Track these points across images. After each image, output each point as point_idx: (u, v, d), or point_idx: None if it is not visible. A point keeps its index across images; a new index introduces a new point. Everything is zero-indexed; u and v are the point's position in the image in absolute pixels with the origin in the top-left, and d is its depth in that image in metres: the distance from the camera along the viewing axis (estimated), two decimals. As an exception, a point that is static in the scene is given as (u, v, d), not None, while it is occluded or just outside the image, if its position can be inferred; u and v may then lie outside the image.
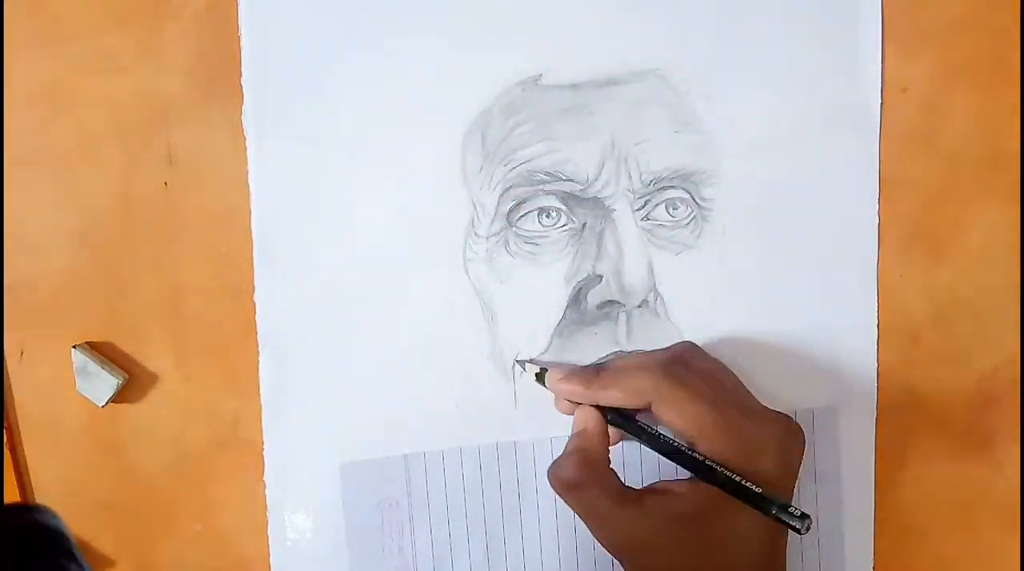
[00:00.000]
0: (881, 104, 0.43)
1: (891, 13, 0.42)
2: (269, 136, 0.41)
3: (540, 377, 0.42)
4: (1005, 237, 0.44)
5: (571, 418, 0.41)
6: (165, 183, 0.41)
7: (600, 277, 0.42)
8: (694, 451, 0.37)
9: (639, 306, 0.43)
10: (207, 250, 0.41)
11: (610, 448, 0.39)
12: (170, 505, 0.43)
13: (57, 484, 0.42)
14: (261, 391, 0.42)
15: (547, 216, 0.42)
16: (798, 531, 0.35)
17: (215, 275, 0.41)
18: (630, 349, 0.43)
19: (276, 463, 0.42)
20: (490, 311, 0.42)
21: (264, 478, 0.42)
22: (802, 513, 0.35)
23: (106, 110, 0.40)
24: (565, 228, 0.42)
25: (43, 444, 0.42)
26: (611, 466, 0.39)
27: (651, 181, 0.42)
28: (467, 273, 0.42)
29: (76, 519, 0.42)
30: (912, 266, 0.44)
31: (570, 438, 0.39)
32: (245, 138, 0.41)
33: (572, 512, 0.40)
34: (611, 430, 0.40)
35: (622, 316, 0.43)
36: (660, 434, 0.38)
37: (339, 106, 0.41)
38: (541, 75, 0.41)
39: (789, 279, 0.44)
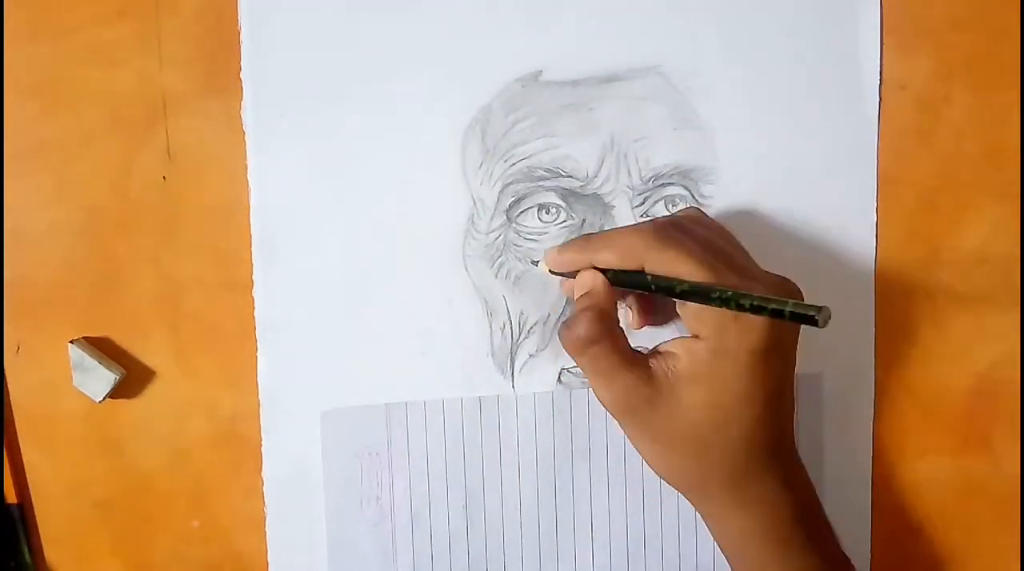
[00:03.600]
0: (879, 102, 0.43)
1: (890, 11, 0.42)
2: (268, 130, 0.40)
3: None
4: (1003, 235, 0.44)
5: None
6: (164, 177, 0.41)
7: (600, 274, 0.42)
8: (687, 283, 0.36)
9: (638, 303, 0.43)
10: (206, 245, 0.41)
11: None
12: (167, 501, 0.43)
13: (54, 479, 0.42)
14: (259, 387, 0.42)
15: (547, 212, 0.42)
16: (816, 323, 0.32)
17: (214, 270, 0.41)
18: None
19: (274, 459, 0.42)
20: (489, 307, 0.42)
21: (262, 474, 0.42)
22: (817, 306, 0.33)
23: (105, 103, 0.40)
24: (564, 224, 0.42)
25: (40, 439, 0.42)
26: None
27: (650, 178, 0.42)
28: (466, 269, 0.42)
29: (73, 515, 0.42)
30: (910, 264, 0.44)
31: (576, 300, 0.39)
32: (244, 132, 0.40)
33: (552, 466, 0.41)
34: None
35: (622, 313, 0.43)
36: (652, 277, 0.37)
37: (339, 101, 0.41)
38: (541, 71, 0.41)
39: (787, 276, 0.43)
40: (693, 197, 0.43)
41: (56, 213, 0.40)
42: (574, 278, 0.39)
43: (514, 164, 0.42)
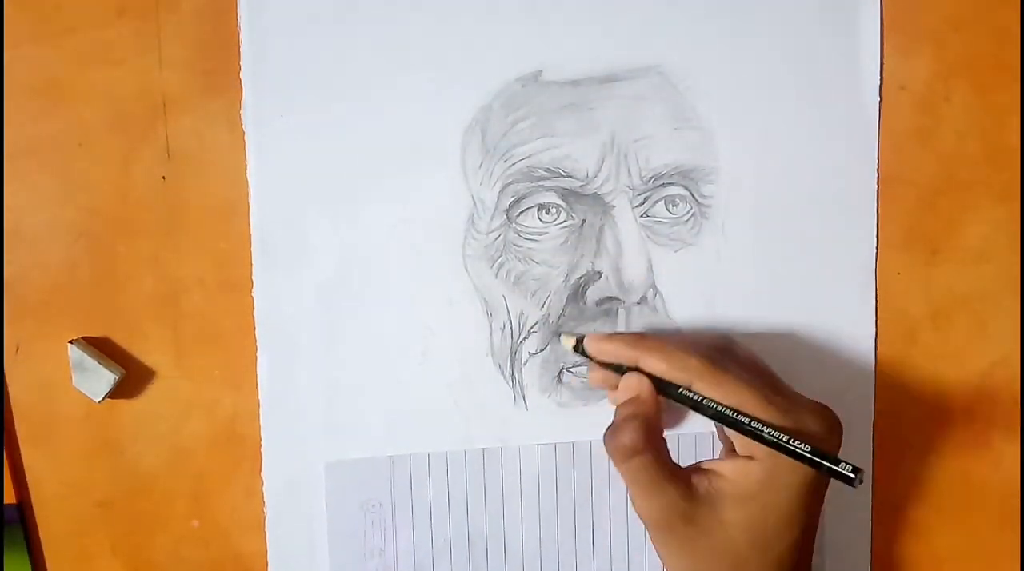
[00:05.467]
0: (880, 102, 0.43)
1: (890, 11, 0.43)
2: (268, 130, 0.40)
3: (578, 347, 0.41)
4: (1003, 235, 0.44)
5: (571, 421, 0.40)
6: (163, 177, 0.41)
7: (599, 273, 0.42)
8: (743, 414, 0.36)
9: (638, 303, 0.43)
10: (206, 245, 0.41)
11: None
12: (167, 501, 0.42)
13: (53, 480, 0.42)
14: (259, 387, 0.42)
15: (547, 212, 0.42)
16: (851, 483, 0.34)
17: (213, 270, 0.41)
18: (629, 345, 0.43)
19: (274, 459, 0.42)
20: (489, 307, 0.42)
21: (262, 474, 0.42)
22: (854, 467, 0.34)
23: (104, 103, 0.40)
24: (564, 224, 0.42)
25: (40, 440, 0.41)
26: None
27: (651, 178, 0.42)
28: (466, 269, 0.42)
29: (73, 515, 0.42)
30: (910, 264, 0.44)
31: (620, 405, 0.39)
32: (244, 132, 0.40)
33: (555, 516, 0.41)
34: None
35: (621, 313, 0.43)
36: (705, 399, 0.37)
37: (339, 101, 0.41)
38: (541, 71, 0.41)
39: (787, 276, 0.44)
40: (693, 197, 0.43)
41: (56, 213, 0.40)
42: (607, 369, 0.40)
43: (514, 164, 0.42)
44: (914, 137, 0.44)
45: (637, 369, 0.39)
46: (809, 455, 0.35)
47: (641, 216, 0.42)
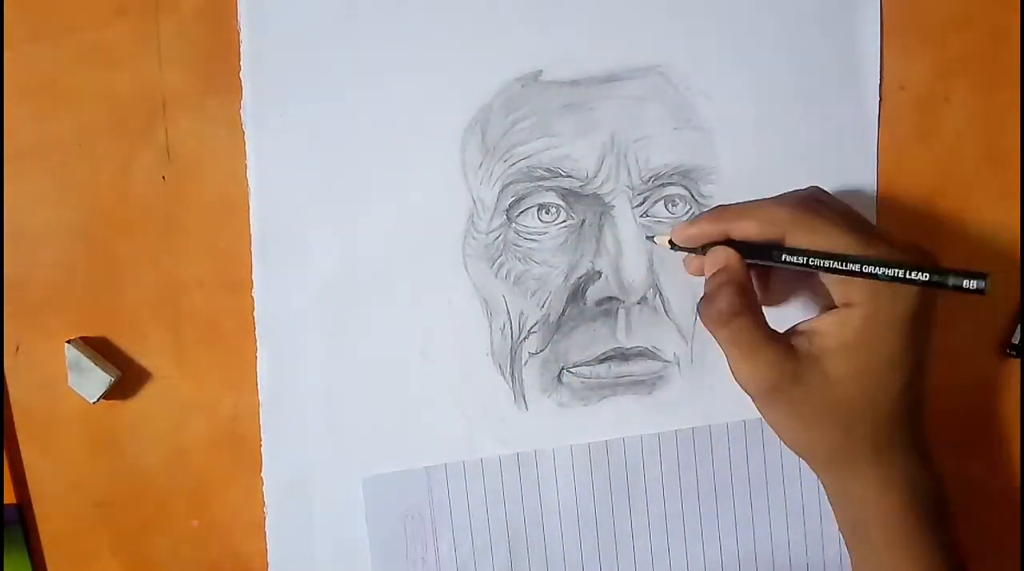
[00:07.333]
0: (880, 102, 0.43)
1: (890, 11, 0.43)
2: (268, 130, 0.40)
3: (673, 244, 0.40)
4: (1003, 235, 0.44)
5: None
6: (163, 177, 0.41)
7: (599, 273, 0.42)
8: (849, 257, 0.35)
9: (638, 303, 0.43)
10: (205, 245, 0.41)
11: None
12: (167, 501, 0.43)
13: (53, 480, 0.42)
14: (259, 387, 0.42)
15: (546, 212, 0.42)
16: (983, 292, 0.32)
17: (213, 270, 0.41)
18: (629, 346, 0.43)
19: (274, 459, 0.42)
20: (489, 307, 0.42)
21: (262, 474, 0.42)
22: (976, 272, 0.32)
23: (104, 103, 0.40)
24: (564, 224, 0.42)
25: (40, 440, 0.41)
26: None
27: (650, 178, 0.42)
28: (466, 269, 0.42)
29: (73, 515, 0.42)
30: (910, 264, 0.44)
31: (709, 278, 0.38)
32: (244, 132, 0.40)
33: (593, 517, 0.41)
34: None
35: (621, 312, 0.43)
36: (807, 249, 0.36)
37: (338, 101, 0.41)
38: (541, 71, 0.41)
39: (787, 275, 0.44)
40: (693, 197, 0.43)
41: (55, 213, 0.40)
42: (698, 254, 0.39)
43: (514, 164, 0.42)
44: (914, 137, 0.44)
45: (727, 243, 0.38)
46: (931, 275, 0.33)
47: (641, 216, 0.42)
